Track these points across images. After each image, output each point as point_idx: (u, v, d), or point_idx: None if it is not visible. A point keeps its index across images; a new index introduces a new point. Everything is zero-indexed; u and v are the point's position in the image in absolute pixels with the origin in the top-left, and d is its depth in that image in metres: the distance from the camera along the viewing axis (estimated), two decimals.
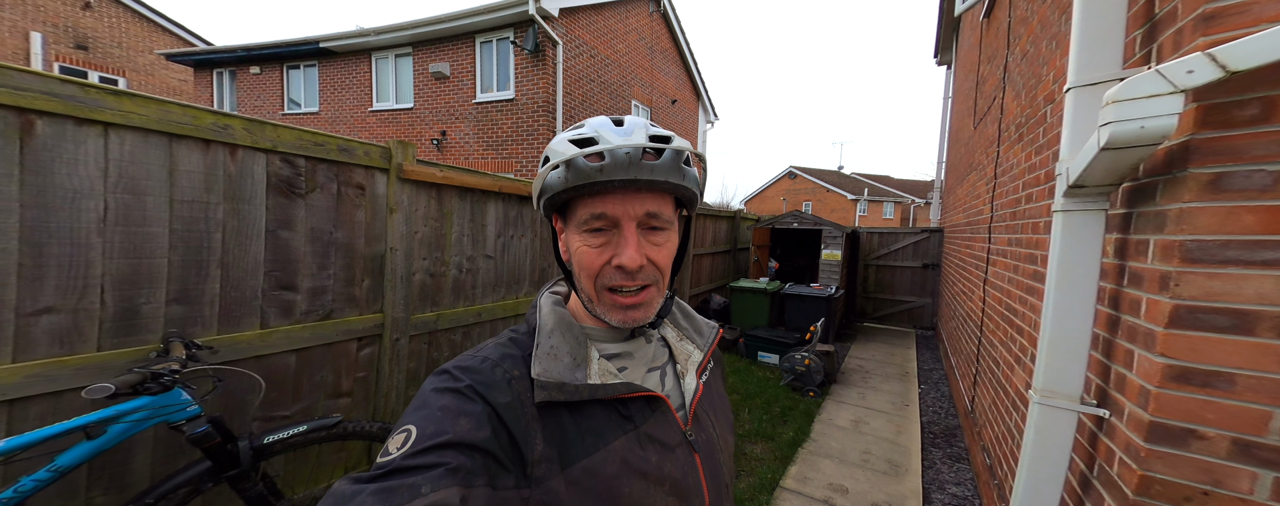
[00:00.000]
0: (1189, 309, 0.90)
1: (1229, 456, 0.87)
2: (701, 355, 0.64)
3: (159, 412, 1.17)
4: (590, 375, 0.52)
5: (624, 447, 0.50)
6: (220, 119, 1.50)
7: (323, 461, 2.07)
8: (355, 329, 2.09)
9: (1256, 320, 0.84)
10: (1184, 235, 0.90)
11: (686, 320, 0.68)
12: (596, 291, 0.53)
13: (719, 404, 0.65)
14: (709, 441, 0.59)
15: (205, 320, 1.54)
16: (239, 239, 1.62)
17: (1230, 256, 0.86)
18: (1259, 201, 0.84)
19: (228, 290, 1.60)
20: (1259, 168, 0.83)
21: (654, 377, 0.59)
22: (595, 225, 0.51)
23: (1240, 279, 0.85)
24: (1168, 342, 0.92)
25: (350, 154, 1.98)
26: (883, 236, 7.29)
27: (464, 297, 2.68)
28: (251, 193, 1.64)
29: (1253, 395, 0.85)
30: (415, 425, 0.44)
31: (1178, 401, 0.92)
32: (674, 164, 0.50)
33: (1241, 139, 0.85)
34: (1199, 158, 0.89)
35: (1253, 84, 0.82)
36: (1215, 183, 0.87)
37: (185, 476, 1.24)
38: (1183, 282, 0.91)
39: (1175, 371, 0.92)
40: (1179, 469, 0.92)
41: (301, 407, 1.93)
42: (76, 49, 9.46)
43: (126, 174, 1.30)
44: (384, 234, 2.18)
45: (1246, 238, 0.85)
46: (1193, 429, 0.90)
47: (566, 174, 0.49)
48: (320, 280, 1.94)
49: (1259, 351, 0.84)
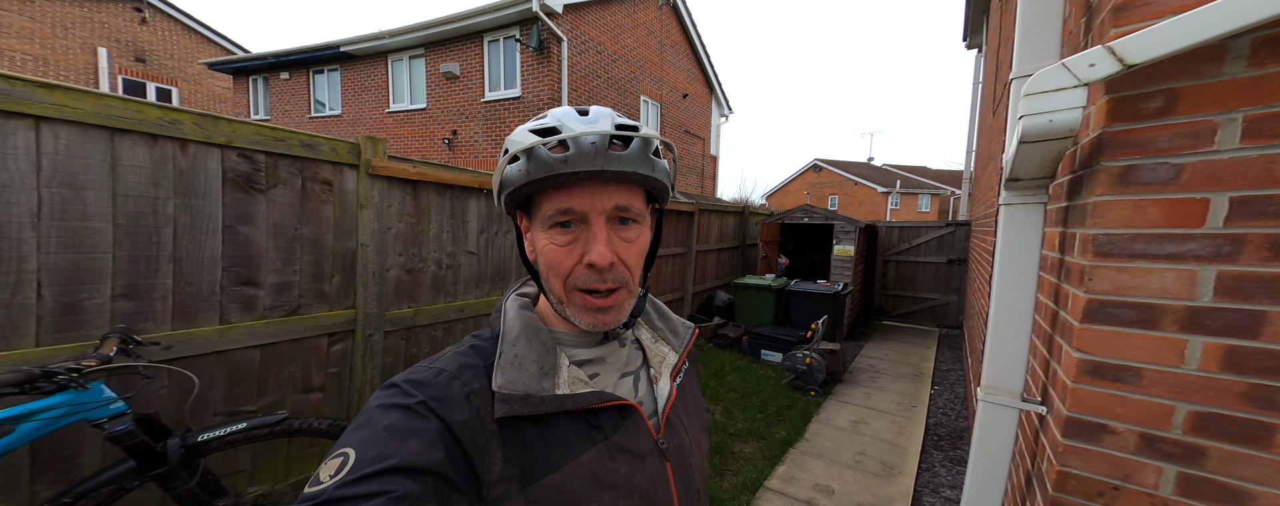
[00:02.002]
0: (1101, 303, 0.88)
1: (1137, 451, 0.85)
2: (676, 357, 0.61)
3: (77, 409, 1.17)
4: (559, 384, 0.49)
5: (593, 460, 0.47)
6: (167, 113, 1.52)
7: (294, 455, 2.09)
8: (325, 324, 2.10)
9: (1160, 314, 0.83)
10: (1097, 229, 0.88)
11: (661, 320, 0.65)
12: (566, 292, 0.49)
13: (693, 407, 0.63)
14: (681, 447, 0.56)
15: (157, 315, 1.56)
16: (193, 234, 1.63)
17: (1137, 250, 0.84)
18: (1163, 194, 0.82)
19: (182, 285, 1.62)
20: (1163, 160, 0.82)
21: (626, 384, 0.56)
22: (561, 220, 0.47)
23: (1146, 272, 0.84)
24: (1082, 336, 0.89)
25: (315, 149, 1.99)
26: (903, 231, 6.95)
27: (445, 294, 2.67)
28: (206, 188, 1.65)
29: (1157, 389, 0.83)
30: (354, 447, 0.39)
31: (1091, 396, 0.89)
32: (643, 154, 0.47)
33: (1147, 131, 0.83)
34: (1110, 151, 0.86)
35: (1156, 76, 0.81)
36: (1124, 176, 0.85)
37: (107, 476, 1.23)
38: (1095, 277, 0.88)
39: (1089, 366, 0.89)
40: (1092, 464, 0.89)
41: (269, 402, 1.95)
42: (136, 62, 10.17)
43: (62, 168, 1.33)
44: (355, 230, 2.19)
45: (1151, 231, 0.83)
46: (1104, 424, 0.88)
47: (527, 166, 0.45)
48: (286, 275, 1.95)
49: (1162, 345, 0.83)
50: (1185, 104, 0.80)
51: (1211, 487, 0.80)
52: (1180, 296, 0.81)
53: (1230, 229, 0.76)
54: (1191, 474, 0.81)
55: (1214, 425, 0.79)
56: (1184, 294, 0.80)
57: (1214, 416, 0.79)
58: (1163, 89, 0.81)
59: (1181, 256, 0.81)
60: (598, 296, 0.49)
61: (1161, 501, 0.84)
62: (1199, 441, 0.80)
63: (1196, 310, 0.79)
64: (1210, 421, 0.79)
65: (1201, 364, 0.79)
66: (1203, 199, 0.78)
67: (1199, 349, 0.79)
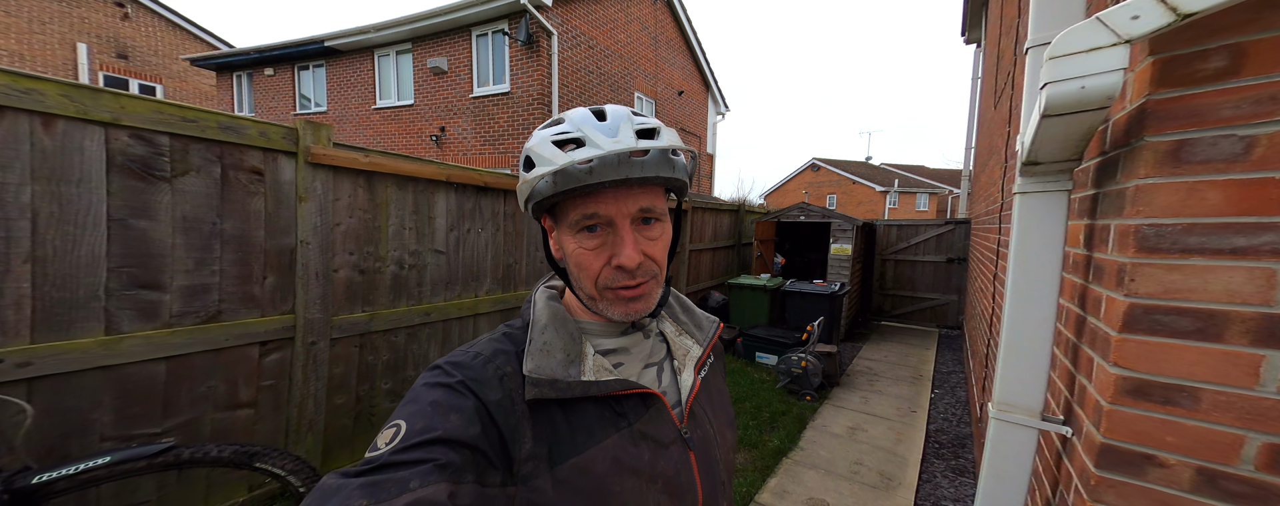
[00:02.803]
0: (1146, 309, 0.71)
1: (1192, 488, 0.69)
2: (700, 350, 0.63)
3: None
4: (584, 372, 0.51)
5: (616, 445, 0.49)
6: (19, 81, 1.31)
7: (215, 482, 1.85)
8: (255, 332, 1.90)
9: (1226, 323, 0.66)
10: (1140, 218, 0.71)
11: (686, 314, 0.67)
12: (598, 291, 0.52)
13: (718, 400, 0.64)
14: (705, 438, 0.58)
15: (8, 326, 1.35)
16: (62, 228, 1.43)
17: (1193, 244, 0.68)
18: (1227, 175, 0.65)
19: (47, 290, 1.41)
20: (1227, 132, 0.64)
21: (650, 374, 0.58)
22: (588, 224, 0.49)
23: (1206, 271, 0.67)
24: (1121, 349, 0.73)
25: (238, 133, 1.79)
26: (902, 229, 6.79)
27: (407, 296, 2.49)
28: (83, 173, 1.45)
29: (1221, 415, 0.67)
30: (405, 420, 0.44)
31: (1133, 420, 0.73)
32: (663, 157, 0.48)
33: (1205, 97, 0.66)
34: (1156, 123, 0.70)
35: (1217, 30, 0.64)
36: (1175, 153, 0.68)
37: None
38: (1139, 276, 0.71)
39: (1130, 384, 0.73)
40: (1133, 501, 0.74)
41: (179, 422, 1.73)
42: (118, 58, 9.91)
43: None
44: (293, 225, 1.99)
45: (1213, 220, 0.66)
46: (1150, 454, 0.72)
47: (555, 178, 0.47)
48: (201, 277, 1.75)
49: (1228, 361, 0.65)
50: (1256, 61, 0.63)
51: None
52: (1252, 301, 0.63)
53: None
54: None
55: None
56: (1257, 298, 0.63)
57: None
58: (1226, 44, 0.64)
59: (1253, 251, 0.63)
60: (629, 289, 0.51)
61: None
62: (1276, 480, 0.63)
63: (1274, 318, 0.62)
64: None
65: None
66: None
67: (1279, 367, 0.62)
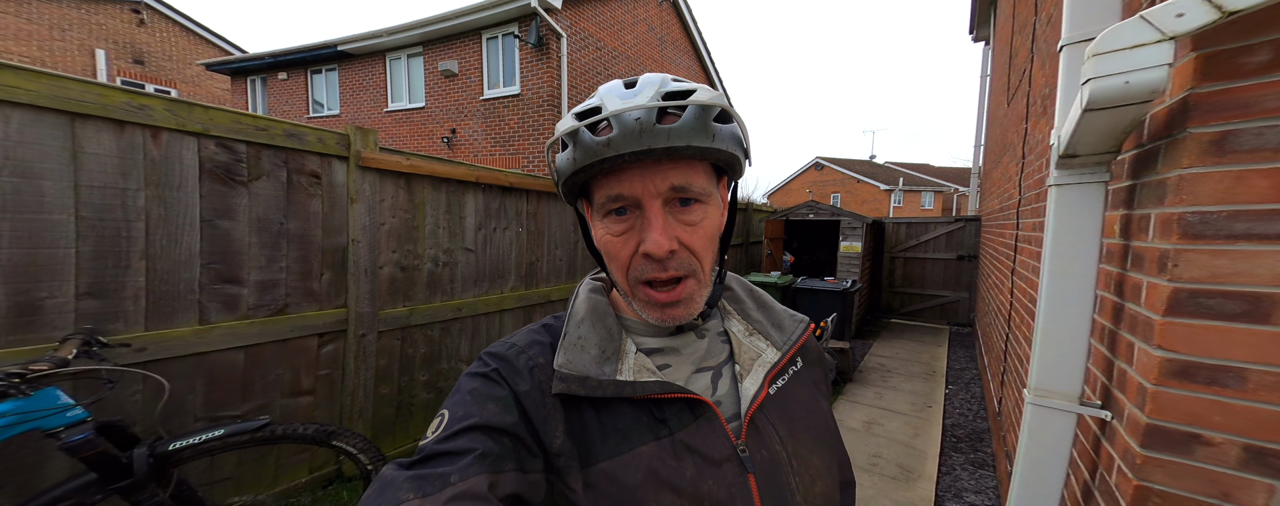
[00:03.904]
0: (1190, 293, 0.75)
1: (1239, 465, 0.73)
2: (776, 354, 0.53)
3: (27, 418, 1.06)
4: (621, 370, 0.47)
5: (652, 455, 0.44)
6: (135, 98, 1.41)
7: (283, 462, 1.98)
8: (314, 324, 2.00)
9: (1272, 305, 0.69)
10: (1184, 207, 0.76)
11: (761, 310, 0.58)
12: (630, 286, 0.47)
13: (803, 416, 0.53)
14: (771, 460, 0.48)
15: (128, 316, 1.46)
16: (167, 228, 1.53)
17: (1239, 230, 0.72)
18: (1273, 164, 0.69)
19: (156, 283, 1.51)
20: (1271, 123, 0.69)
21: (702, 379, 0.51)
22: (614, 207, 0.44)
23: (1251, 256, 0.71)
24: (1166, 332, 0.78)
25: (300, 140, 1.88)
26: (911, 227, 6.82)
27: (441, 292, 2.56)
28: (180, 179, 1.55)
29: (1268, 394, 0.70)
30: (448, 409, 0.45)
31: (1179, 401, 0.77)
32: (699, 123, 0.41)
33: (1250, 91, 0.70)
34: (1199, 115, 0.74)
35: (1260, 25, 0.69)
36: (1219, 143, 0.73)
37: (62, 490, 1.12)
38: (1182, 262, 0.76)
39: (1175, 366, 0.77)
40: (1181, 479, 0.77)
41: (254, 407, 1.84)
42: (134, 63, 10.09)
43: (13, 155, 1.22)
44: (345, 225, 2.09)
45: (1258, 207, 0.70)
46: (1197, 433, 0.76)
47: (574, 153, 0.43)
48: (271, 272, 1.85)
49: (1275, 342, 0.69)
50: None
51: None
52: None
53: None
54: None
55: None
56: None
57: None
58: (1270, 39, 0.69)
59: None
60: (661, 289, 0.45)
61: None
62: None
63: None
64: None
65: None
66: None
67: None
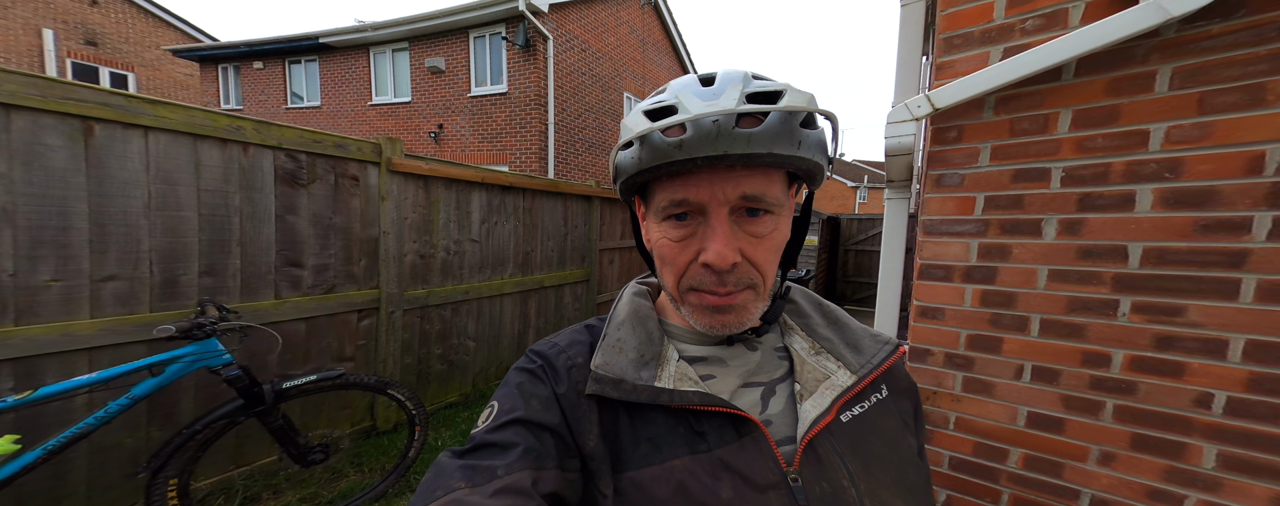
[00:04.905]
0: (925, 266, 1.28)
1: (944, 365, 1.27)
2: (851, 378, 0.48)
3: (202, 358, 1.53)
4: (660, 377, 0.45)
5: (685, 469, 0.42)
6: (234, 121, 1.86)
7: (329, 412, 2.45)
8: (355, 302, 2.46)
9: (951, 271, 1.25)
10: (925, 215, 1.29)
11: (832, 328, 0.53)
12: (680, 292, 0.45)
13: (884, 454, 0.47)
14: (833, 495, 0.42)
15: (230, 290, 1.92)
16: (253, 222, 1.99)
17: (944, 229, 1.25)
18: (955, 194, 1.23)
19: (246, 265, 1.97)
20: (955, 171, 1.23)
21: (751, 395, 0.48)
22: (676, 212, 0.42)
23: (946, 245, 1.25)
24: (919, 290, 1.30)
25: (345, 149, 2.33)
26: (862, 222, 7.56)
27: (452, 277, 3.05)
28: (262, 183, 2.00)
29: (952, 322, 1.25)
30: (497, 401, 0.47)
31: (921, 330, 1.31)
32: (784, 129, 0.39)
33: (949, 152, 1.23)
34: (932, 164, 1.26)
35: (953, 115, 1.21)
36: (938, 180, 1.25)
37: (223, 411, 1.57)
38: (923, 248, 1.29)
39: (919, 309, 1.30)
40: (921, 377, 1.30)
41: (311, 369, 2.31)
42: (86, 45, 9.75)
43: (162, 167, 1.67)
44: (377, 219, 2.55)
45: (949, 217, 1.24)
46: (928, 349, 1.30)
47: (640, 153, 0.41)
48: (323, 258, 2.31)
49: (953, 292, 1.25)
50: (967, 134, 1.23)
51: (977, 384, 1.24)
52: (961, 259, 1.24)
53: (985, 215, 1.22)
54: (969, 376, 1.26)
55: (977, 342, 1.25)
56: (963, 257, 1.25)
57: (977, 336, 1.25)
58: (956, 124, 1.22)
59: (962, 233, 1.25)
60: (715, 294, 0.43)
61: (956, 398, 1.27)
62: (969, 354, 1.26)
63: (969, 268, 1.25)
64: (975, 340, 1.25)
65: (971, 302, 1.25)
66: (972, 197, 1.23)
67: (970, 293, 1.26)
